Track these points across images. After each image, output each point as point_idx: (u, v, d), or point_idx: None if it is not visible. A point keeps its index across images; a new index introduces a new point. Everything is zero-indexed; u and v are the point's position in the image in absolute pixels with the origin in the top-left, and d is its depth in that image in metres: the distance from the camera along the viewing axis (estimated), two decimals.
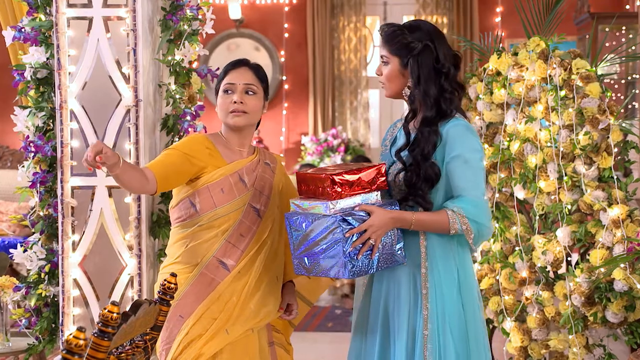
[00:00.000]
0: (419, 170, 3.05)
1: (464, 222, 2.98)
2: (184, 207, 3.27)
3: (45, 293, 4.33)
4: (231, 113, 3.30)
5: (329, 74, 10.46)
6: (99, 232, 4.26)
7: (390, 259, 3.06)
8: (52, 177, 4.32)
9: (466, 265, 3.15)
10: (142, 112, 4.20)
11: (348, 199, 2.99)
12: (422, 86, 3.08)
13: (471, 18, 10.22)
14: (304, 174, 3.10)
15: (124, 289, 4.26)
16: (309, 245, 3.03)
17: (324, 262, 3.01)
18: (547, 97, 4.47)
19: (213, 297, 3.24)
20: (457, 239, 3.08)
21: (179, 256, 3.29)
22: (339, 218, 2.94)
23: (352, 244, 2.95)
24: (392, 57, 3.13)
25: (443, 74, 3.09)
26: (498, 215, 4.73)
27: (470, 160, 3.03)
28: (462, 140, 3.04)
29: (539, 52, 4.49)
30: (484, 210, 3.03)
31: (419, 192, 3.05)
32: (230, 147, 3.34)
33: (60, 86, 4.23)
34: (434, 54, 3.08)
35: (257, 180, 3.33)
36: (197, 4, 4.41)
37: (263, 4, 10.57)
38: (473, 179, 3.03)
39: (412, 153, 3.08)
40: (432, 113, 3.07)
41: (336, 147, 10.03)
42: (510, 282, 4.61)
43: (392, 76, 3.15)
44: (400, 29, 3.13)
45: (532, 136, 4.53)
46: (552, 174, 4.46)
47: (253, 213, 3.30)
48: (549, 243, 4.48)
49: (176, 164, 3.19)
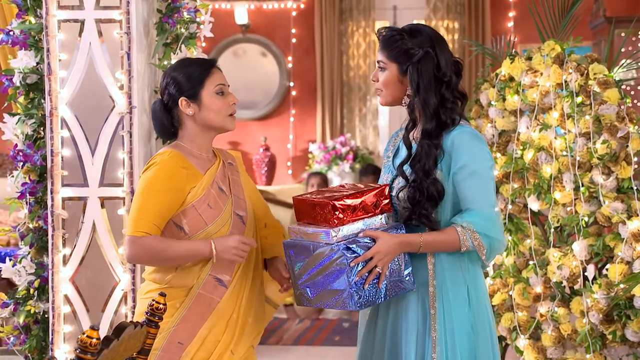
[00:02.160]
0: (421, 187, 2.92)
1: (475, 238, 2.87)
2: (169, 232, 3.10)
3: (34, 309, 4.21)
4: (230, 116, 3.17)
5: (337, 80, 10.41)
6: (91, 245, 4.15)
7: (399, 287, 2.94)
8: (42, 187, 4.21)
9: (477, 283, 3.02)
10: (137, 120, 4.09)
11: (351, 225, 2.87)
12: (421, 95, 2.96)
13: (483, 23, 10.13)
14: (302, 199, 2.96)
15: (117, 306, 4.14)
16: (311, 275, 2.91)
17: (328, 294, 2.88)
18: (562, 103, 4.38)
19: (214, 317, 3.11)
20: (468, 254, 2.96)
21: (169, 280, 3.12)
22: (343, 246, 2.81)
23: (357, 273, 2.81)
24: (390, 64, 3.02)
25: (444, 83, 2.98)
26: (511, 227, 4.65)
27: (478, 171, 2.92)
28: (469, 149, 2.93)
29: (554, 57, 4.40)
30: (496, 223, 2.91)
31: (422, 211, 2.92)
32: (197, 154, 3.17)
33: (50, 92, 4.12)
34: (434, 61, 2.97)
35: (232, 185, 3.20)
36: (195, 6, 4.30)
37: (270, 9, 10.54)
38: (482, 191, 2.92)
39: (414, 169, 2.96)
40: (431, 125, 2.95)
41: (345, 155, 9.99)
42: (524, 298, 4.52)
43: (390, 83, 3.03)
44: (400, 33, 3.01)
45: (546, 145, 4.45)
46: (568, 184, 4.36)
47: (239, 221, 3.17)
48: (564, 257, 4.38)
49: (171, 204, 3.05)
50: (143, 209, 3.03)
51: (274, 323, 7.56)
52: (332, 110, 10.44)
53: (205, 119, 3.13)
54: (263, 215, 3.32)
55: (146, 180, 3.07)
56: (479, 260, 2.97)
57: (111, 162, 4.09)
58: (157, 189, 3.05)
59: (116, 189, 4.11)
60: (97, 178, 4.11)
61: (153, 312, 2.68)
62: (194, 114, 3.13)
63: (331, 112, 10.44)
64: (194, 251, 3.03)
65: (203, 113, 3.13)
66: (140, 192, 3.06)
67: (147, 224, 3.01)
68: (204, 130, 3.16)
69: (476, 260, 2.98)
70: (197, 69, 3.15)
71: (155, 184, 3.05)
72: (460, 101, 3.04)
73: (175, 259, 3.04)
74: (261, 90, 10.51)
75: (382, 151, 10.16)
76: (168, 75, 3.16)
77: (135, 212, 3.04)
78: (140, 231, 3.00)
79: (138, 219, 3.02)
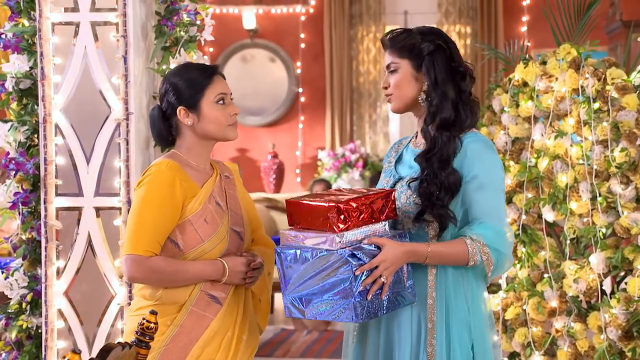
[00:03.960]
0: (436, 179, 2.83)
1: (485, 252, 2.77)
2: (164, 248, 3.00)
3: (27, 324, 4.11)
4: (231, 126, 3.08)
5: (347, 86, 10.48)
6: (86, 257, 4.05)
7: (400, 299, 2.82)
8: (35, 197, 4.11)
9: (478, 299, 2.93)
10: (134, 127, 3.99)
11: (355, 231, 2.73)
12: (440, 87, 2.89)
13: (495, 28, 10.19)
14: (297, 202, 2.82)
15: (112, 320, 4.03)
16: (306, 284, 2.77)
17: (327, 305, 2.75)
18: (578, 109, 4.31)
19: (207, 336, 3.01)
20: (472, 268, 2.85)
21: (160, 296, 3.02)
22: (347, 253, 2.68)
23: (362, 282, 2.68)
24: (402, 61, 2.93)
25: (460, 73, 2.90)
26: (525, 239, 4.57)
27: (490, 183, 2.84)
28: (482, 158, 2.85)
29: (570, 61, 4.33)
30: (506, 238, 2.82)
31: (438, 202, 2.82)
32: (194, 166, 3.08)
33: (44, 98, 4.02)
34: (447, 52, 2.89)
35: (228, 200, 3.11)
36: (195, 9, 4.20)
37: (278, 14, 10.64)
38: (493, 204, 2.84)
39: (430, 160, 2.86)
40: (448, 115, 2.87)
41: (354, 162, 10.05)
42: (539, 313, 4.43)
43: (404, 82, 2.94)
44: (407, 30, 2.94)
45: (562, 152, 4.38)
46: (584, 194, 4.29)
47: (236, 237, 3.09)
48: (581, 270, 4.30)
49: (171, 219, 2.97)
50: (143, 225, 2.95)
51: (281, 335, 7.58)
52: (341, 116, 10.52)
53: (204, 129, 3.05)
54: (253, 230, 3.24)
55: (144, 194, 2.98)
56: (483, 274, 2.89)
57: (107, 171, 4.01)
58: (157, 203, 2.96)
59: (112, 199, 4.02)
60: (93, 187, 4.02)
61: (143, 331, 2.56)
62: (193, 124, 3.04)
63: (341, 118, 10.52)
64: (206, 275, 2.99)
65: (202, 124, 3.04)
66: (139, 207, 2.97)
67: (151, 242, 2.93)
68: (203, 140, 3.08)
69: (480, 274, 2.90)
70: (198, 75, 3.06)
71: (154, 198, 2.97)
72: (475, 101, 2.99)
73: (184, 282, 2.99)
74: (269, 96, 10.64)
75: None
76: (167, 81, 3.07)
77: (135, 228, 2.95)
78: (147, 250, 2.92)
79: (140, 236, 2.94)
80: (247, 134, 10.44)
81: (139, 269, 2.92)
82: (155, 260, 2.92)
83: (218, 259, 3.00)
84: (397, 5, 10.49)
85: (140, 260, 2.91)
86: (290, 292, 2.82)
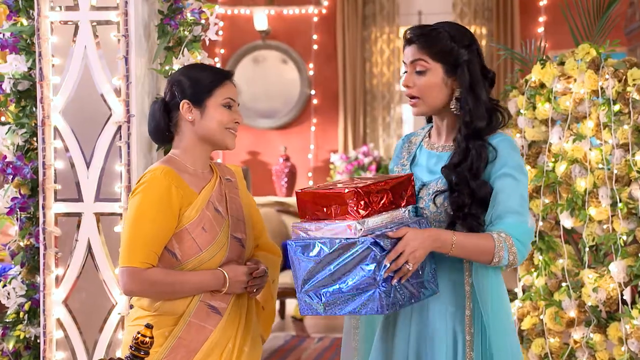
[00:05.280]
0: (468, 190, 2.79)
1: (512, 252, 2.72)
2: (161, 258, 2.94)
3: (24, 335, 4.06)
4: (230, 131, 3.01)
5: (360, 87, 10.48)
6: (86, 265, 4.00)
7: (423, 290, 2.75)
8: (33, 202, 4.06)
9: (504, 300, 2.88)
10: (135, 129, 3.94)
11: (376, 217, 2.65)
12: (476, 94, 2.85)
13: (512, 28, 10.18)
14: (311, 192, 2.71)
15: (113, 330, 3.98)
16: (324, 279, 2.65)
17: (348, 298, 2.64)
18: (598, 112, 4.30)
19: (207, 348, 2.96)
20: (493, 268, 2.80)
21: (158, 308, 2.96)
22: (370, 241, 2.58)
23: (385, 271, 2.59)
24: (435, 64, 2.85)
25: (489, 79, 2.89)
26: (542, 246, 4.56)
27: (519, 179, 2.82)
28: (512, 157, 2.85)
29: (589, 61, 4.34)
30: (530, 233, 2.82)
31: (471, 214, 2.78)
32: (192, 170, 3.02)
33: (42, 99, 3.96)
34: (480, 58, 2.89)
35: (229, 205, 3.04)
36: (200, 7, 4.12)
37: (290, 14, 10.68)
38: (520, 200, 2.79)
39: (459, 171, 2.81)
40: (483, 123, 2.84)
41: (367, 165, 10.02)
42: (557, 323, 4.42)
43: (434, 87, 2.87)
44: (439, 31, 2.86)
45: (581, 157, 4.38)
46: (604, 199, 4.28)
47: (237, 245, 3.03)
48: (600, 279, 4.28)
49: (168, 229, 2.91)
50: (139, 236, 2.89)
51: (291, 342, 7.55)
52: (354, 119, 10.55)
53: (205, 127, 2.99)
54: (257, 235, 3.18)
55: (138, 203, 2.92)
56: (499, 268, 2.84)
57: (108, 175, 3.96)
58: (152, 212, 2.90)
59: (113, 204, 3.96)
60: (93, 192, 3.97)
61: (138, 346, 2.48)
62: (194, 121, 2.99)
63: (353, 121, 10.55)
64: (205, 286, 2.93)
65: (204, 121, 2.99)
66: (134, 217, 2.91)
67: (147, 253, 2.87)
68: (200, 141, 3.02)
69: (498, 269, 2.84)
70: (210, 76, 3.03)
71: (149, 207, 2.91)
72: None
73: (183, 293, 2.93)
74: (281, 98, 10.68)
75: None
76: (176, 76, 3.04)
77: (131, 239, 2.89)
78: (142, 262, 2.86)
79: (135, 247, 2.88)
80: (258, 137, 10.53)
81: (135, 282, 2.87)
82: (152, 272, 2.87)
83: (218, 268, 2.94)
84: (411, 5, 10.52)
85: (137, 272, 2.86)
86: (305, 287, 2.69)
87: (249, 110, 10.47)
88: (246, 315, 3.04)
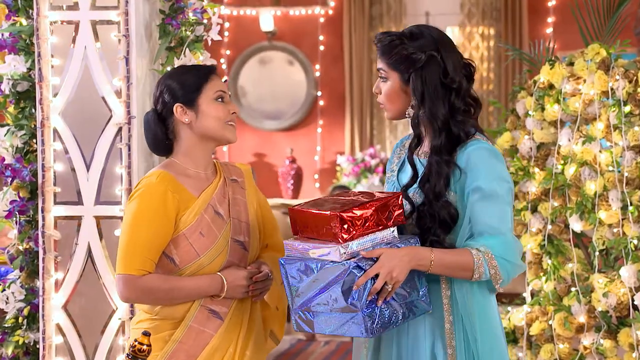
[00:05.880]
0: (432, 211, 2.72)
1: (493, 265, 2.65)
2: (159, 264, 2.92)
3: (23, 340, 4.00)
4: (230, 124, 2.98)
5: (367, 89, 10.39)
6: (86, 269, 3.95)
7: (414, 309, 2.73)
8: (33, 205, 4.01)
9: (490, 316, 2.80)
10: (136, 131, 3.88)
11: (361, 240, 2.64)
12: (427, 106, 2.75)
13: (520, 29, 10.07)
14: (299, 210, 2.73)
15: (113, 336, 3.92)
16: (313, 297, 2.68)
17: (335, 319, 2.65)
18: (608, 113, 4.34)
19: (207, 353, 2.93)
20: (478, 284, 2.74)
21: (158, 312, 2.94)
22: (352, 265, 2.58)
23: (369, 293, 2.58)
24: (391, 72, 2.81)
25: (453, 90, 2.76)
26: (551, 250, 4.59)
27: (496, 193, 2.72)
28: (487, 167, 2.72)
29: (599, 62, 4.36)
30: (515, 249, 2.72)
31: (433, 237, 2.72)
32: (193, 173, 2.99)
33: (41, 101, 3.91)
34: (440, 65, 2.75)
35: (231, 207, 3.00)
36: (202, 7, 4.08)
37: (297, 15, 10.61)
38: (500, 215, 2.72)
39: (423, 189, 2.75)
40: (441, 139, 2.75)
41: (374, 167, 9.95)
42: (566, 329, 4.43)
43: (392, 95, 2.82)
44: (399, 37, 2.80)
45: (590, 159, 4.40)
46: (614, 202, 4.30)
47: (239, 248, 2.98)
48: (611, 283, 4.29)
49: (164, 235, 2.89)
50: (135, 243, 2.87)
51: (297, 346, 7.54)
52: (361, 120, 10.49)
53: (203, 126, 2.96)
54: (268, 235, 3.14)
55: (134, 209, 2.90)
56: (490, 287, 2.76)
57: (108, 178, 3.91)
58: (149, 218, 2.88)
59: (113, 207, 3.91)
60: (93, 195, 3.92)
61: (135, 354, 2.48)
62: (191, 122, 2.96)
63: (360, 122, 10.49)
64: (203, 291, 2.90)
65: (200, 120, 2.95)
66: (130, 224, 2.89)
67: (143, 260, 2.86)
68: (201, 141, 2.98)
69: (485, 286, 2.76)
70: (194, 75, 3.01)
71: (145, 213, 2.89)
72: (473, 108, 2.82)
73: (181, 299, 2.91)
74: (287, 99, 10.62)
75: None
76: (162, 83, 3.01)
77: (127, 246, 2.88)
78: (138, 269, 2.84)
79: (131, 254, 2.86)
80: (264, 139, 10.50)
81: (131, 290, 2.86)
82: (149, 278, 2.85)
83: (217, 273, 2.91)
84: (418, 6, 10.44)
85: (133, 280, 2.85)
86: (297, 305, 2.73)
87: (255, 112, 10.47)
88: (249, 319, 3.01)
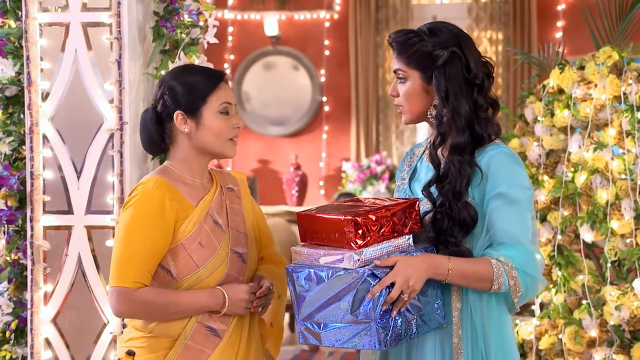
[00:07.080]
0: (450, 212, 2.64)
1: (513, 276, 2.58)
2: (155, 276, 2.81)
3: (11, 355, 3.95)
4: (231, 140, 2.86)
5: (373, 94, 10.40)
6: (76, 281, 3.89)
7: (429, 322, 2.64)
8: (21, 214, 3.95)
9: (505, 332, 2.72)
10: (129, 138, 3.82)
11: (375, 247, 2.56)
12: (451, 103, 2.68)
13: (529, 33, 10.05)
14: (310, 215, 2.65)
15: (105, 351, 3.85)
16: (321, 308, 2.58)
17: (346, 330, 2.55)
18: (620, 119, 4.28)
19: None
20: (495, 296, 2.66)
21: (152, 329, 2.83)
22: (367, 272, 2.50)
23: (383, 303, 2.50)
24: (411, 71, 2.73)
25: (476, 87, 2.71)
26: (561, 261, 4.53)
27: (517, 200, 2.66)
28: (507, 173, 2.68)
29: (611, 66, 4.32)
30: (536, 260, 2.66)
31: (450, 239, 2.64)
32: (189, 181, 2.88)
33: (30, 106, 3.84)
34: (463, 61, 2.70)
35: (230, 217, 2.90)
36: (198, 9, 4.01)
37: (302, 20, 10.63)
38: (521, 223, 2.65)
39: (442, 190, 2.67)
40: (464, 138, 2.70)
41: (380, 174, 9.96)
42: (577, 343, 4.36)
43: (413, 95, 2.74)
44: (417, 34, 2.73)
45: (602, 166, 4.34)
46: (627, 212, 4.25)
47: (238, 260, 2.89)
48: (623, 296, 4.23)
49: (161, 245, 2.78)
50: (130, 253, 2.76)
51: (301, 356, 7.50)
52: (367, 126, 10.49)
53: (202, 140, 2.84)
54: (264, 246, 3.05)
55: (130, 218, 2.78)
56: (508, 302, 2.69)
57: (99, 186, 3.86)
58: (145, 228, 2.77)
59: (105, 217, 3.84)
60: (84, 204, 3.85)
61: None
62: (190, 132, 2.84)
63: (366, 128, 10.49)
64: (202, 306, 2.80)
65: (200, 133, 2.84)
66: (125, 233, 2.78)
67: (139, 272, 2.75)
68: (198, 152, 2.87)
69: (503, 301, 2.69)
70: (202, 80, 2.86)
71: (141, 222, 2.77)
72: (492, 108, 2.77)
73: (178, 315, 2.80)
74: (292, 105, 10.65)
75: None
76: (166, 82, 2.87)
77: (121, 257, 2.76)
78: (133, 281, 2.73)
79: (126, 265, 2.75)
80: (269, 145, 10.54)
81: (125, 303, 2.75)
82: (144, 292, 2.73)
83: (217, 287, 2.80)
84: (425, 10, 10.47)
85: (127, 293, 2.73)
86: (304, 316, 2.63)
87: (259, 117, 10.51)
88: (248, 336, 2.92)
